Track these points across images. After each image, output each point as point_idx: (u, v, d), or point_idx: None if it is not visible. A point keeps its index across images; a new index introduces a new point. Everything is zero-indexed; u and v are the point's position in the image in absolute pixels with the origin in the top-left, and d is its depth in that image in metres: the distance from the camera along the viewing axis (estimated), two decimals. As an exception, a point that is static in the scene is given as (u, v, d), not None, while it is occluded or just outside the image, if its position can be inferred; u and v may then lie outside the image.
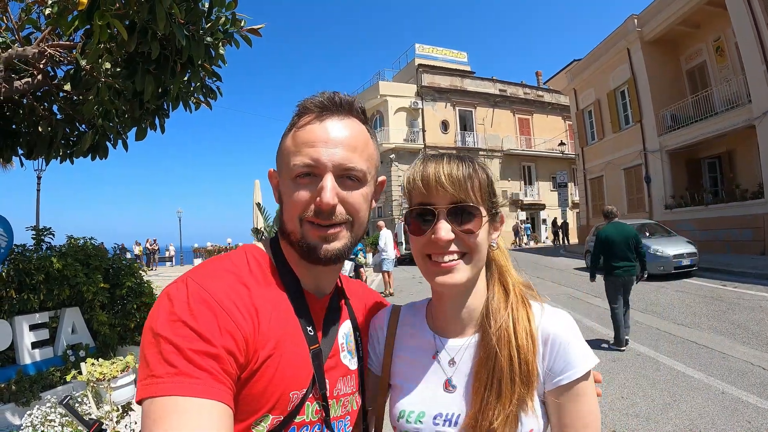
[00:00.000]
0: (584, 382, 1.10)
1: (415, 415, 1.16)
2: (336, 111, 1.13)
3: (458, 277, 1.11)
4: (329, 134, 1.10)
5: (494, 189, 1.19)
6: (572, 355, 1.10)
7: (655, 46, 23.78)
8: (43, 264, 5.57)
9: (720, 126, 19.77)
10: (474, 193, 1.12)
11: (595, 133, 30.24)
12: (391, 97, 38.96)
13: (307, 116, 1.13)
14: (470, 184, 1.11)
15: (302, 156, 1.08)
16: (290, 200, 1.11)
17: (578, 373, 1.08)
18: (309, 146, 1.08)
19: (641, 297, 12.04)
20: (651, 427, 4.87)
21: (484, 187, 1.15)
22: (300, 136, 1.10)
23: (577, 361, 1.09)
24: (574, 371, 1.08)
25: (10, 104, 4.86)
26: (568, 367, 1.09)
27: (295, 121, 1.15)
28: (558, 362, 1.10)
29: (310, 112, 1.13)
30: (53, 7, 3.64)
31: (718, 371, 6.34)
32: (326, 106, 1.13)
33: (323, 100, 1.13)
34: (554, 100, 44.36)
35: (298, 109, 1.17)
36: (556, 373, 1.10)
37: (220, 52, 4.29)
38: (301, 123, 1.12)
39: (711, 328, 8.67)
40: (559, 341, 1.11)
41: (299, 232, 1.11)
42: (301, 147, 1.09)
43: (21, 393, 5.10)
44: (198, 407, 0.84)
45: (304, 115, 1.14)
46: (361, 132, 1.16)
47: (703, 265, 15.31)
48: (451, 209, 1.10)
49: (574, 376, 1.08)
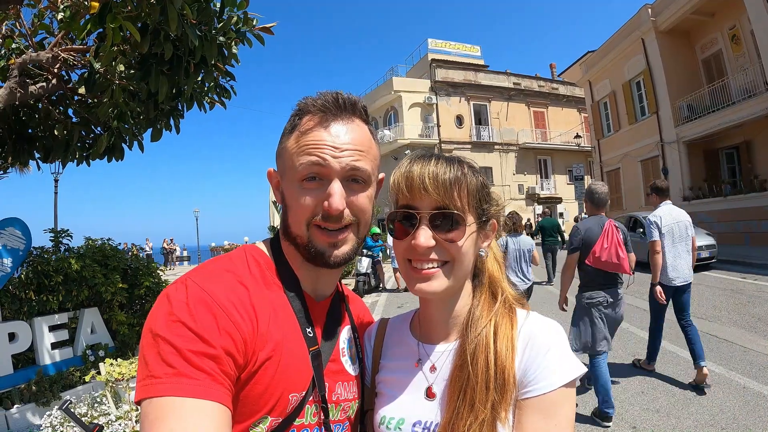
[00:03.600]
0: (558, 398, 0.98)
1: (394, 422, 1.13)
2: (340, 113, 1.12)
3: (437, 285, 1.07)
4: (336, 138, 1.08)
5: (486, 195, 1.15)
6: (548, 363, 1.00)
7: (670, 35, 23.47)
8: (61, 265, 5.62)
9: (737, 115, 19.47)
10: (460, 198, 1.07)
11: (611, 125, 29.90)
12: (405, 93, 38.81)
13: (310, 118, 1.11)
14: (457, 189, 1.06)
15: (309, 160, 1.07)
16: (296, 204, 1.10)
17: (551, 385, 0.98)
18: (315, 150, 1.07)
19: (660, 290, 11.93)
20: (671, 423, 4.82)
21: (472, 192, 1.10)
22: (305, 139, 1.09)
23: (552, 372, 0.99)
24: (547, 383, 0.98)
25: (26, 109, 4.90)
26: (540, 377, 0.99)
27: (297, 122, 1.13)
28: (531, 369, 1.01)
29: (313, 114, 1.11)
30: (65, 11, 3.66)
31: (739, 365, 6.27)
32: (330, 109, 1.11)
33: (326, 102, 1.11)
34: (569, 93, 43.85)
35: (298, 108, 1.15)
36: (527, 383, 1.00)
37: (233, 51, 4.29)
38: (306, 126, 1.10)
39: (731, 321, 8.58)
40: (537, 346, 1.03)
41: (306, 236, 1.11)
42: (307, 150, 1.08)
43: (41, 393, 5.16)
44: (196, 408, 0.84)
45: (305, 115, 1.12)
46: (365, 134, 1.15)
47: (721, 258, 15.17)
48: (434, 215, 1.06)
49: (546, 388, 0.98)
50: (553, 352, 1.01)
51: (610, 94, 29.31)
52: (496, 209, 1.18)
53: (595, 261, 5.29)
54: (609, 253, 5.23)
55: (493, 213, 1.17)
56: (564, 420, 0.98)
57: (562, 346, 1.04)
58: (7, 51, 4.48)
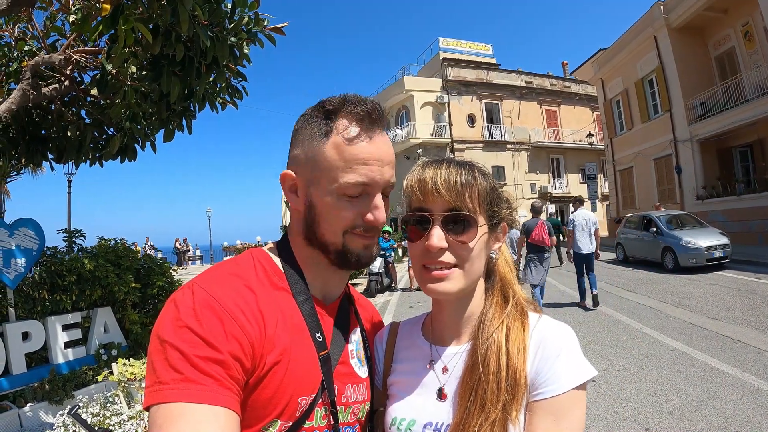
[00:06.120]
0: (568, 401, 1.00)
1: (405, 423, 1.13)
2: (377, 125, 1.12)
3: (449, 287, 1.09)
4: (381, 154, 1.10)
5: (497, 197, 1.17)
6: (560, 366, 1.02)
7: (683, 32, 23.27)
8: (74, 265, 5.67)
9: (751, 113, 19.28)
10: (472, 201, 1.09)
11: (623, 124, 29.71)
12: (416, 92, 38.76)
13: (349, 126, 1.09)
14: (468, 192, 1.09)
15: (357, 175, 1.07)
16: (335, 215, 1.10)
17: (562, 387, 1.00)
18: (364, 165, 1.07)
19: (673, 290, 11.90)
20: (684, 425, 4.78)
21: (483, 195, 1.12)
22: (351, 151, 1.07)
23: (563, 375, 1.01)
24: (558, 385, 1.00)
25: (39, 110, 4.94)
26: (551, 380, 1.01)
27: (331, 128, 1.10)
28: (543, 372, 1.02)
29: (352, 122, 1.09)
30: (77, 13, 3.68)
31: (753, 367, 6.20)
32: (371, 119, 1.10)
33: (366, 112, 1.10)
34: (581, 91, 43.58)
35: (326, 109, 1.12)
36: (538, 385, 1.02)
37: (245, 51, 4.30)
38: (347, 134, 1.08)
39: (745, 322, 8.49)
40: (549, 349, 1.04)
41: (341, 243, 1.12)
42: (354, 165, 1.07)
43: (54, 392, 5.22)
44: (204, 413, 0.84)
45: (338, 119, 1.10)
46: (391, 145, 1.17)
47: (735, 257, 15.03)
48: (447, 217, 1.08)
49: (557, 391, 1.00)
50: (564, 355, 1.03)
51: (622, 92, 29.13)
52: (506, 212, 1.20)
53: (531, 240, 10.05)
54: (538, 236, 9.93)
55: (504, 215, 1.19)
56: (575, 422, 0.99)
57: (573, 349, 1.05)
58: (20, 53, 4.51)
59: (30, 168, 18.99)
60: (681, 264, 14.77)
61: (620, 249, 19.27)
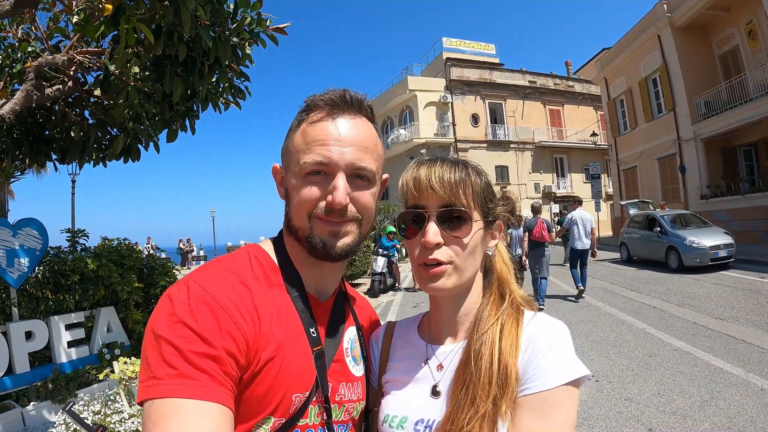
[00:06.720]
0: (554, 398, 0.97)
1: (397, 420, 1.13)
2: (347, 109, 1.13)
3: (446, 283, 1.10)
4: (341, 133, 1.09)
5: (491, 194, 1.18)
6: (548, 362, 0.99)
7: (686, 31, 23.21)
8: (78, 265, 5.69)
9: (755, 112, 19.19)
10: (466, 197, 1.11)
11: (627, 123, 29.66)
12: (420, 92, 38.80)
13: (316, 113, 1.12)
14: (462, 188, 1.10)
15: (314, 154, 1.07)
16: (299, 197, 1.10)
17: (549, 383, 0.97)
18: (321, 144, 1.08)
19: (678, 290, 11.87)
20: (688, 425, 4.77)
21: (477, 191, 1.13)
22: (311, 133, 1.10)
23: (551, 371, 0.98)
24: (544, 381, 0.97)
25: (43, 111, 4.95)
26: (537, 375, 0.99)
27: (303, 117, 1.14)
28: (531, 367, 1.01)
29: (320, 109, 1.12)
30: (80, 14, 3.68)
31: (757, 367, 6.18)
32: (337, 104, 1.12)
33: (334, 98, 1.12)
34: (585, 90, 43.51)
35: (305, 104, 1.16)
36: (526, 380, 1.00)
37: (247, 52, 4.30)
38: (312, 120, 1.11)
39: (749, 322, 8.46)
40: (539, 344, 1.03)
41: (308, 227, 1.11)
42: (313, 145, 1.08)
43: (57, 391, 5.23)
44: (198, 409, 0.84)
45: (312, 111, 1.13)
46: (371, 132, 1.16)
47: (740, 257, 15.01)
48: (442, 213, 1.09)
49: (543, 386, 0.97)
50: (554, 352, 1.01)
51: (626, 91, 29.08)
52: (502, 209, 1.21)
53: (532, 236, 11.27)
54: (539, 233, 11.15)
55: (499, 213, 1.20)
56: (560, 422, 0.96)
57: (564, 346, 1.03)
58: (24, 54, 4.53)
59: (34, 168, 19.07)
60: (685, 263, 14.73)
61: (624, 248, 19.23)
